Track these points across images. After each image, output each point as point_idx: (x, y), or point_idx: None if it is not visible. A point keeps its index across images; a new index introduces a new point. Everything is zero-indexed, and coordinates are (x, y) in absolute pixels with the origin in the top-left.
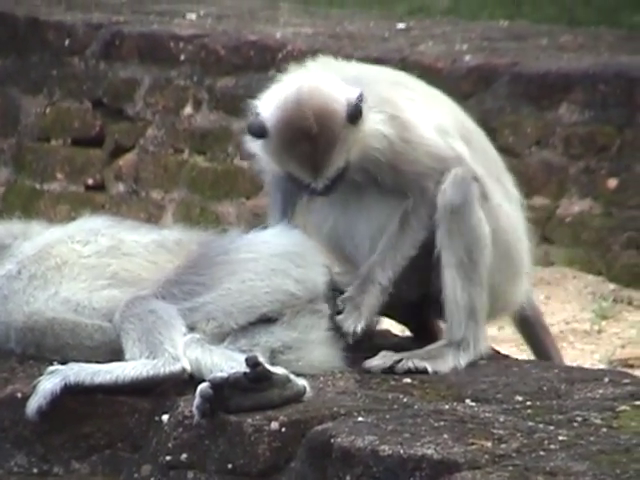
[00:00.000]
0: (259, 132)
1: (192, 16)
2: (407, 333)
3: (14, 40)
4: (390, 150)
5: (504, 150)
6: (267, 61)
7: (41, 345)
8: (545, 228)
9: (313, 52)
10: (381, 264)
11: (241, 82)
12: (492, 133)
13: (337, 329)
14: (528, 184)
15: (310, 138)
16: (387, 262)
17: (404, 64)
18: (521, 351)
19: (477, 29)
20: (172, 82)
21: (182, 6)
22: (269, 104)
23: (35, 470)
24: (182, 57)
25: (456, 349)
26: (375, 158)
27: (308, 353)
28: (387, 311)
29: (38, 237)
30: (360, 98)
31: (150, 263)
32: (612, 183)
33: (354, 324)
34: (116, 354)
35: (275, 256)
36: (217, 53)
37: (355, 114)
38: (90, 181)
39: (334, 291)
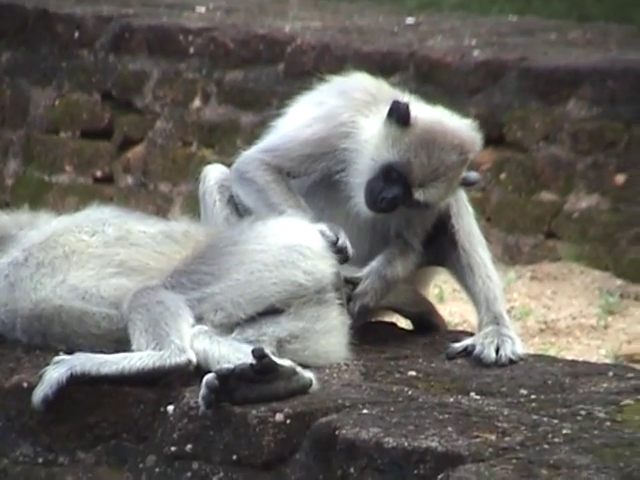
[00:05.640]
0: (404, 118)
1: (201, 9)
2: (411, 327)
3: (23, 32)
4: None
5: (512, 145)
6: (276, 55)
7: (48, 333)
8: (552, 223)
9: (322, 46)
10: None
11: (250, 75)
12: (500, 128)
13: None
14: (536, 179)
15: (450, 151)
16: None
17: (413, 59)
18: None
19: (486, 24)
20: (181, 75)
21: None
22: (423, 107)
23: (40, 460)
24: (191, 50)
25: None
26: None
27: (314, 343)
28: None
29: (45, 226)
30: (477, 181)
31: (158, 253)
32: (620, 179)
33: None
34: (122, 343)
35: (284, 247)
36: (226, 46)
37: (470, 183)
38: (99, 173)
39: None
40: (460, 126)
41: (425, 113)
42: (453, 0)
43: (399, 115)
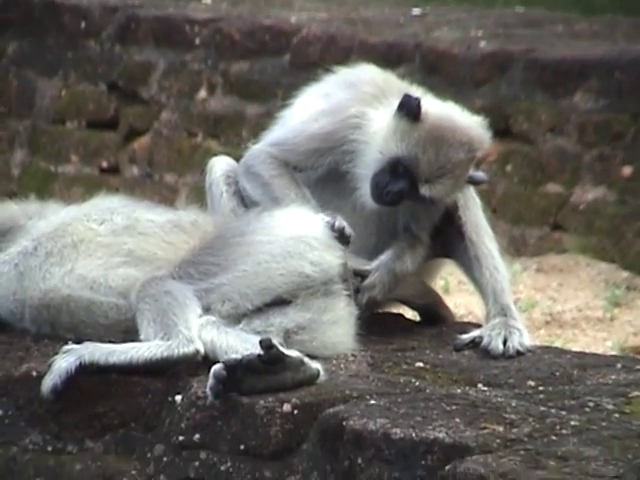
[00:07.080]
0: (415, 112)
1: (207, 0)
2: (418, 318)
3: (30, 23)
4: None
5: (518, 137)
6: (282, 46)
7: (56, 323)
8: (558, 215)
9: (328, 37)
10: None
11: (255, 66)
12: (506, 120)
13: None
14: (542, 171)
15: (458, 148)
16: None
17: (419, 50)
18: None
19: (492, 15)
20: (187, 66)
21: None
22: (433, 102)
23: (49, 448)
24: (197, 41)
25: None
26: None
27: (321, 334)
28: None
29: (53, 216)
30: (484, 180)
31: (166, 243)
32: (626, 171)
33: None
34: (130, 332)
35: (291, 239)
36: (232, 37)
37: (476, 182)
38: (104, 164)
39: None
40: (470, 123)
41: (435, 108)
42: None
43: (409, 109)
